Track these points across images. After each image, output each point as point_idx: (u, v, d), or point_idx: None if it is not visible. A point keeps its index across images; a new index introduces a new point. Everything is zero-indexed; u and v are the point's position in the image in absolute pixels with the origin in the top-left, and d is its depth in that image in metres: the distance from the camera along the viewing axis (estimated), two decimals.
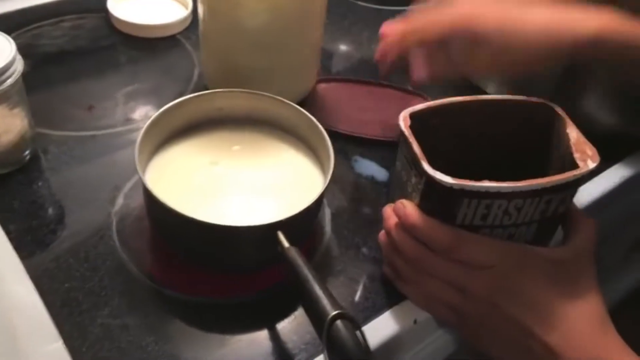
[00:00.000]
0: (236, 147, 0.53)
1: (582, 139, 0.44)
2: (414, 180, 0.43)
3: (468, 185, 0.40)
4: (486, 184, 0.40)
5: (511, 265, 0.41)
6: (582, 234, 0.43)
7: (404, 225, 0.43)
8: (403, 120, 0.44)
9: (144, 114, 0.61)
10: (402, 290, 0.46)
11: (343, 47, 0.75)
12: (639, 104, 0.61)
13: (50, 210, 0.51)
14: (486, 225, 0.42)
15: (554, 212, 0.43)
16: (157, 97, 0.64)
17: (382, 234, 0.46)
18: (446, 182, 0.40)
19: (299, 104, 0.61)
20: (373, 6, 0.81)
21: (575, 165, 0.42)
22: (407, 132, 0.43)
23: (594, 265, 0.42)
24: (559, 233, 0.46)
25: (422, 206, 0.43)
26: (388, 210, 0.45)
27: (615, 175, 0.60)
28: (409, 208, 0.43)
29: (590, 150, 0.43)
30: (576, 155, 0.43)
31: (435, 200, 0.42)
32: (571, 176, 0.41)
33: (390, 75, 0.54)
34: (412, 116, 0.44)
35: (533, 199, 0.41)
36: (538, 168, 0.45)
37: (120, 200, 0.52)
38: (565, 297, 0.40)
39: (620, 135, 0.62)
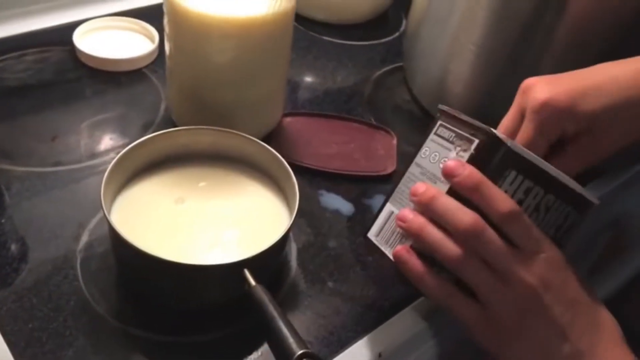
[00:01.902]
0: (202, 184, 0.54)
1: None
2: (454, 154, 0.42)
3: (522, 151, 0.41)
4: (537, 158, 0.41)
5: (559, 258, 0.40)
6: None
7: (464, 182, 0.40)
8: (442, 106, 0.45)
9: (110, 148, 0.61)
10: (420, 282, 0.42)
11: (308, 81, 0.76)
12: None
13: (13, 249, 0.51)
14: None
15: (563, 234, 0.44)
16: (123, 131, 0.64)
17: (407, 213, 0.42)
18: (504, 140, 0.40)
19: (265, 138, 0.62)
20: (337, 40, 0.83)
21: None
22: (449, 109, 0.44)
23: None
24: None
25: None
26: (422, 185, 0.42)
27: None
28: (467, 165, 0.40)
29: (590, 194, 0.45)
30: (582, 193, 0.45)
31: (483, 163, 0.41)
32: (589, 194, 0.43)
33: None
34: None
35: (561, 203, 0.42)
36: None
37: (84, 238, 0.52)
38: (593, 305, 0.40)
39: None
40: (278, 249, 0.49)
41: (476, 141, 0.41)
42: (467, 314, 0.41)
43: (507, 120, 0.50)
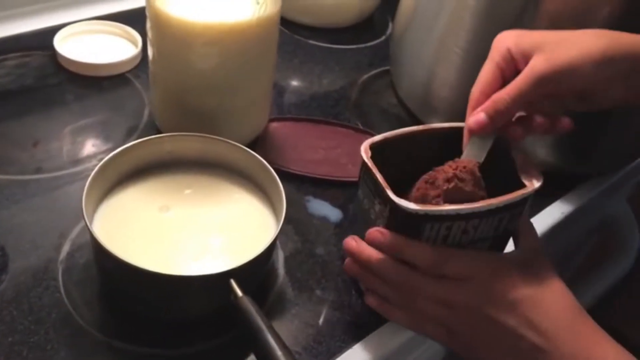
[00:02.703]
0: (188, 191, 0.53)
1: (528, 159, 0.47)
2: (377, 208, 0.45)
3: (431, 210, 0.42)
4: (447, 207, 0.43)
5: (489, 274, 0.43)
6: (528, 235, 0.47)
7: (388, 250, 0.44)
8: (364, 152, 0.46)
9: (92, 155, 0.60)
10: (391, 317, 0.47)
11: (294, 85, 0.76)
12: (575, 143, 0.64)
13: None
14: (447, 244, 0.44)
15: (505, 228, 0.46)
16: (106, 137, 0.63)
17: (350, 266, 0.47)
18: (411, 209, 0.42)
19: (251, 143, 0.61)
20: (323, 44, 0.82)
21: (522, 185, 0.45)
22: (370, 163, 0.45)
23: (547, 260, 0.45)
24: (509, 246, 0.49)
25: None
26: (353, 244, 0.46)
27: (557, 211, 0.63)
28: (388, 234, 0.44)
29: (534, 170, 0.46)
30: (522, 176, 0.46)
31: (400, 226, 0.44)
32: (520, 195, 0.44)
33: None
34: (372, 147, 0.46)
35: (488, 218, 0.44)
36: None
37: (66, 248, 0.51)
38: (539, 294, 0.42)
39: (560, 172, 0.65)
40: (265, 258, 0.48)
41: (388, 207, 0.43)
42: (435, 336, 0.45)
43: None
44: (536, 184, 0.45)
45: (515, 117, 0.47)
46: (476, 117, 0.45)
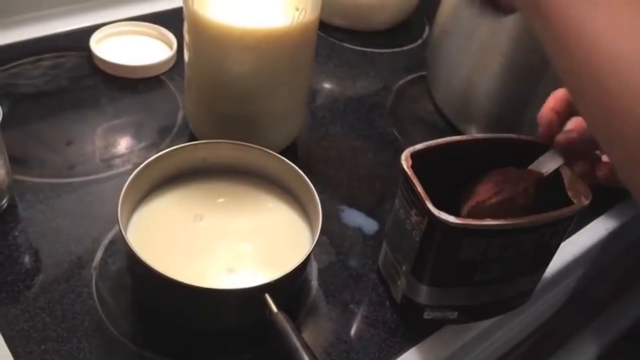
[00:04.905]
0: (221, 200, 0.52)
1: (575, 177, 0.45)
2: (414, 219, 0.44)
3: (472, 225, 0.41)
4: (488, 222, 0.41)
5: None
6: None
7: None
8: (405, 160, 0.44)
9: (126, 159, 0.60)
10: None
11: (328, 89, 0.74)
12: None
13: (25, 265, 0.49)
14: (485, 259, 0.43)
15: (547, 244, 0.45)
16: (139, 140, 0.62)
17: None
18: (451, 222, 0.41)
19: (286, 149, 0.60)
20: (358, 48, 0.81)
21: (569, 202, 0.44)
22: (410, 172, 0.44)
23: None
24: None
25: (424, 244, 0.43)
26: None
27: (601, 227, 0.60)
28: None
29: (583, 188, 0.44)
30: (570, 193, 0.44)
31: (437, 238, 0.42)
32: (566, 212, 0.43)
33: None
34: (413, 156, 0.45)
35: (530, 233, 0.43)
36: None
37: (99, 254, 0.50)
38: None
39: (604, 186, 0.62)
40: (300, 271, 0.47)
41: (426, 219, 0.42)
42: None
43: None
44: (584, 201, 0.44)
45: None
46: (568, 135, 0.44)
